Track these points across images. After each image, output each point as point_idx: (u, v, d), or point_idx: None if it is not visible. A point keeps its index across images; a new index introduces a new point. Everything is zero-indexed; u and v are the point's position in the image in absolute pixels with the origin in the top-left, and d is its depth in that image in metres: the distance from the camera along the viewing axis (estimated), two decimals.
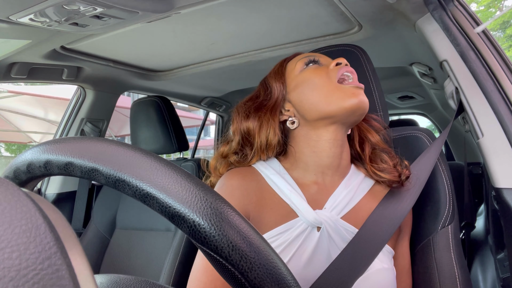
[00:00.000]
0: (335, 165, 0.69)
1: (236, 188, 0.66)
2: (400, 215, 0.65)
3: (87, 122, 1.59)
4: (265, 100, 0.73)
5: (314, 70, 0.69)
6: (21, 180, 0.31)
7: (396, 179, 0.68)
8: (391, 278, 0.62)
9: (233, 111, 0.76)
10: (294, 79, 0.71)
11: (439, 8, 0.85)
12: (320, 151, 0.68)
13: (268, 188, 0.67)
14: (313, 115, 0.67)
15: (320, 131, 0.67)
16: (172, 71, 1.59)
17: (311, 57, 0.72)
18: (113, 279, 0.31)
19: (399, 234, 0.71)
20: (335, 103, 0.64)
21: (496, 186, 0.73)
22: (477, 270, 1.06)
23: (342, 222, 0.64)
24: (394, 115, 2.80)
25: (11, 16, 0.82)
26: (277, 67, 0.76)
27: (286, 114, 0.71)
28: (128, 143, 0.29)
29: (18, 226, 0.16)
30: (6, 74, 1.22)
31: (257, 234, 0.26)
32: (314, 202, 0.65)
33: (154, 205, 0.25)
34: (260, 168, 0.70)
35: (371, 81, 0.85)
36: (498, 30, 10.06)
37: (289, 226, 0.62)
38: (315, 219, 0.62)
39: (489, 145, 0.75)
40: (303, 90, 0.68)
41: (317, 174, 0.68)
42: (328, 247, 0.62)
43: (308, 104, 0.67)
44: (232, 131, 0.75)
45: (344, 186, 0.68)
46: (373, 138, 0.73)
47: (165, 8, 0.88)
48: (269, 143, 0.68)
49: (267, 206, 0.65)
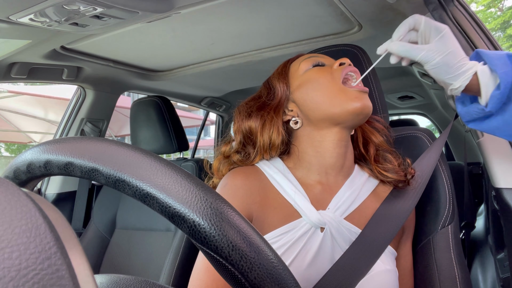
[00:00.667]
0: (339, 165, 0.68)
1: (239, 188, 0.65)
2: (403, 215, 0.65)
3: (87, 122, 1.59)
4: (268, 100, 0.72)
5: (318, 70, 0.69)
6: (21, 180, 0.31)
7: (402, 179, 0.68)
8: (394, 279, 0.62)
9: (235, 111, 0.76)
10: (298, 78, 0.70)
11: (439, 8, 0.85)
12: (324, 151, 0.67)
13: (272, 187, 0.67)
14: (316, 115, 0.67)
15: (324, 132, 0.67)
16: (172, 71, 1.59)
17: (316, 59, 0.72)
18: (113, 279, 0.31)
19: (402, 235, 0.70)
20: (339, 105, 0.64)
21: (496, 186, 0.73)
22: (477, 270, 1.06)
23: (345, 223, 0.63)
24: (394, 115, 2.80)
25: (11, 16, 0.82)
26: (281, 67, 0.76)
27: (289, 114, 0.71)
28: (128, 143, 0.29)
29: (18, 226, 0.16)
30: (6, 74, 1.22)
31: (257, 234, 0.26)
32: (318, 202, 0.65)
33: (154, 205, 0.25)
34: (263, 167, 0.69)
35: (371, 81, 0.85)
36: (498, 30, 10.06)
37: (293, 227, 0.62)
38: (319, 220, 0.61)
39: (489, 145, 0.75)
40: (307, 89, 0.68)
41: (320, 174, 0.68)
42: (332, 248, 0.61)
43: (312, 104, 0.67)
44: (233, 131, 0.75)
45: (348, 186, 0.68)
46: (377, 139, 0.73)
47: (165, 8, 0.88)
48: (273, 143, 0.68)
49: (270, 206, 0.65)
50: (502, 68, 0.53)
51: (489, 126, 0.58)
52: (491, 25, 9.90)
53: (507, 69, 0.53)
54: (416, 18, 0.60)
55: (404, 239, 0.71)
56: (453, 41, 0.57)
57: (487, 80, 0.55)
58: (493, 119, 0.57)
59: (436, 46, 0.57)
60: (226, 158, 0.73)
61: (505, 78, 0.52)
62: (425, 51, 0.58)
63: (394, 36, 0.62)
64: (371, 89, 0.84)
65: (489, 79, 0.55)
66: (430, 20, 0.59)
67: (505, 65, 0.53)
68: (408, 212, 0.66)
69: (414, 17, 0.60)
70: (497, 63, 0.54)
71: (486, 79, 0.55)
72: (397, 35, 0.61)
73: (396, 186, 0.69)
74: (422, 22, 0.59)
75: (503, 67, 0.53)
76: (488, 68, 0.56)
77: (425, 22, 0.59)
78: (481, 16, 10.21)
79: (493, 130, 0.58)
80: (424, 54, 0.58)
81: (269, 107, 0.71)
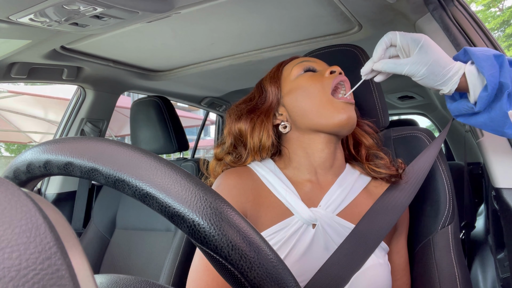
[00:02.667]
0: (328, 164, 0.71)
1: (233, 187, 0.67)
2: (399, 210, 0.66)
3: (87, 122, 1.59)
4: (259, 103, 0.74)
5: (309, 77, 0.70)
6: (21, 180, 0.31)
7: (395, 173, 0.70)
8: (386, 273, 0.63)
9: (226, 114, 0.78)
10: (290, 83, 0.72)
11: (439, 8, 0.85)
12: (313, 152, 0.70)
13: (264, 187, 0.68)
14: (304, 122, 0.69)
15: (311, 136, 0.70)
16: (172, 71, 1.59)
17: (308, 64, 0.73)
18: (113, 279, 0.31)
19: (395, 231, 0.72)
20: (324, 116, 0.66)
21: (496, 186, 0.73)
22: (477, 270, 1.06)
23: (338, 219, 0.65)
24: (394, 115, 2.80)
25: (11, 16, 0.82)
26: (274, 70, 0.77)
27: (279, 118, 0.73)
28: (128, 143, 0.29)
29: (18, 226, 0.16)
30: (6, 74, 1.22)
31: (257, 234, 0.26)
32: (309, 200, 0.67)
33: (154, 205, 0.25)
34: (255, 167, 0.71)
35: (371, 81, 0.85)
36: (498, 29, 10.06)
37: (285, 225, 0.63)
38: (310, 217, 0.63)
39: (489, 145, 0.75)
40: (296, 96, 0.70)
41: (310, 173, 0.70)
42: (325, 243, 0.63)
43: (300, 111, 0.69)
44: (225, 133, 0.77)
45: (338, 184, 0.69)
46: (368, 142, 0.75)
47: (165, 8, 0.88)
48: (263, 145, 0.70)
49: (263, 205, 0.66)
50: (489, 70, 0.54)
51: (476, 122, 0.60)
52: (491, 25, 9.90)
53: (494, 70, 0.54)
54: (390, 36, 0.61)
55: (397, 235, 0.72)
56: (433, 48, 0.58)
57: (475, 81, 0.57)
58: (480, 116, 0.59)
59: (417, 59, 0.58)
60: (219, 160, 0.75)
61: (492, 80, 0.54)
62: (409, 65, 0.59)
63: (374, 56, 0.63)
64: (371, 89, 0.84)
65: (476, 80, 0.57)
66: (405, 33, 0.60)
67: (492, 67, 0.54)
68: (404, 206, 0.67)
69: (388, 35, 0.61)
70: (484, 64, 0.55)
71: (474, 80, 0.57)
72: (377, 55, 0.62)
73: (389, 181, 0.71)
74: (397, 37, 0.60)
75: (490, 69, 0.54)
76: (476, 69, 0.57)
77: (400, 37, 0.60)
78: (481, 16, 10.21)
79: (479, 125, 0.61)
80: (408, 68, 0.59)
81: (259, 110, 0.73)
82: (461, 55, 0.61)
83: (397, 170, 0.70)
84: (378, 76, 0.65)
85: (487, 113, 0.57)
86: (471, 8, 0.93)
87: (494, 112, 0.56)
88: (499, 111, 0.55)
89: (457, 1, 0.89)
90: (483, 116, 0.58)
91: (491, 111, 0.57)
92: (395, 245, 0.72)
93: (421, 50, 0.58)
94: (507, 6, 10.36)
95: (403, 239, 0.73)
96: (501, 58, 0.55)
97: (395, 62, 0.60)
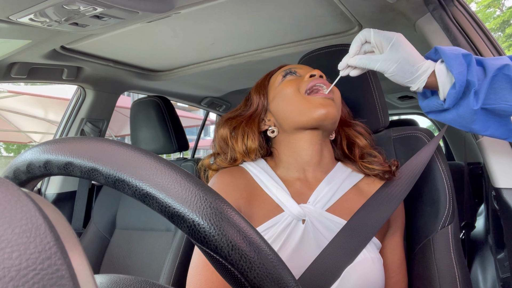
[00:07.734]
0: (315, 161, 0.73)
1: (227, 184, 0.70)
2: (392, 204, 0.68)
3: (87, 122, 1.59)
4: (243, 111, 0.80)
5: (288, 82, 0.74)
6: (21, 180, 0.31)
7: (388, 169, 0.72)
8: (378, 268, 0.64)
9: (216, 123, 0.83)
10: (273, 91, 0.77)
11: (439, 8, 0.86)
12: (299, 150, 0.73)
13: (256, 185, 0.72)
14: (288, 123, 0.73)
15: (297, 135, 0.73)
16: (172, 71, 1.59)
17: (289, 68, 0.78)
18: (113, 279, 0.31)
19: (389, 229, 0.73)
20: (304, 113, 0.69)
21: (496, 186, 0.73)
22: (477, 270, 1.06)
23: (327, 214, 0.67)
24: (394, 115, 2.80)
25: (11, 16, 0.82)
26: (261, 80, 0.82)
27: (267, 123, 0.78)
28: (128, 143, 0.29)
29: (18, 226, 0.16)
30: (6, 74, 1.22)
31: (257, 234, 0.26)
32: (299, 197, 0.69)
33: (154, 205, 0.25)
34: (248, 167, 0.75)
35: (371, 81, 0.85)
36: (498, 30, 10.06)
37: (276, 221, 0.66)
38: (299, 212, 0.65)
39: (489, 145, 0.75)
40: (278, 101, 0.75)
41: (299, 171, 0.73)
42: (316, 238, 0.64)
43: (283, 114, 0.73)
44: (212, 141, 0.83)
45: (327, 181, 0.72)
46: (361, 142, 0.78)
47: (165, 8, 0.88)
48: (249, 149, 0.75)
49: (256, 202, 0.69)
50: (458, 68, 0.56)
51: (446, 118, 0.63)
52: (491, 25, 9.90)
53: (462, 69, 0.56)
54: (365, 33, 0.63)
55: (391, 233, 0.73)
56: (404, 46, 0.60)
57: (444, 79, 0.59)
58: (448, 113, 0.61)
59: (388, 56, 0.60)
60: (215, 170, 0.79)
61: (460, 78, 0.56)
62: (380, 62, 0.61)
63: (350, 52, 0.66)
64: (371, 89, 0.84)
65: (445, 78, 0.59)
66: (379, 31, 0.62)
67: (460, 65, 0.56)
68: (398, 200, 0.69)
69: (363, 32, 0.64)
70: (453, 63, 0.57)
71: (443, 78, 0.59)
72: (352, 51, 0.65)
73: (383, 178, 0.73)
74: (371, 34, 0.63)
75: (459, 67, 0.56)
76: (445, 67, 0.59)
77: (374, 34, 0.62)
78: (481, 16, 10.20)
79: (449, 121, 0.63)
80: (379, 64, 0.61)
81: (242, 117, 0.79)
82: (432, 54, 0.63)
83: (389, 166, 0.72)
84: (354, 71, 0.67)
85: (456, 110, 0.60)
86: (471, 8, 0.93)
87: (462, 109, 0.58)
88: (467, 108, 0.58)
89: (457, 1, 0.89)
90: (451, 113, 0.61)
91: (459, 108, 0.59)
92: (389, 243, 0.73)
93: (392, 47, 0.60)
94: (507, 6, 10.36)
95: (398, 238, 0.74)
96: (469, 57, 0.57)
97: (368, 58, 0.63)
